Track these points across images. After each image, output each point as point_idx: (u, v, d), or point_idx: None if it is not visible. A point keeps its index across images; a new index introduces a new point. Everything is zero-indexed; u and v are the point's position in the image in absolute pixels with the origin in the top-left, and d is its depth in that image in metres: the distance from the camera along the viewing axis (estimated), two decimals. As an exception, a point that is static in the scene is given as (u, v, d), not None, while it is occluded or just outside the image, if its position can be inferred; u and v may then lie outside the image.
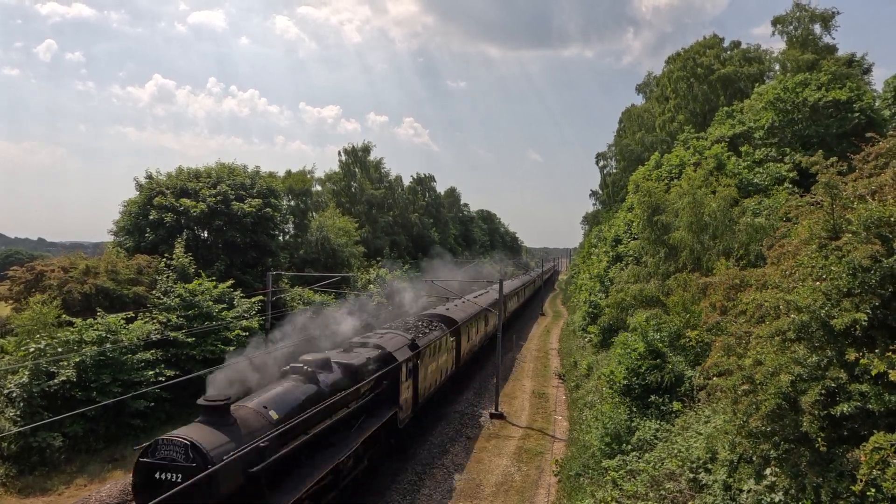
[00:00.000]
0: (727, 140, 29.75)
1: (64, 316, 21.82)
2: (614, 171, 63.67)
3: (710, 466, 10.73)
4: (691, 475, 10.97)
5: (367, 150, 68.32)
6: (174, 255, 28.70)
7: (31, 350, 19.60)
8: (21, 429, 16.77)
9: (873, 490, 6.48)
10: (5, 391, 18.99)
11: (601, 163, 69.27)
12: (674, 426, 14.13)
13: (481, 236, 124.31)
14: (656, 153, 34.61)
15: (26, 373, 19.00)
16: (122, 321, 22.00)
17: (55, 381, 19.01)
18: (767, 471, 8.66)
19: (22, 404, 18.64)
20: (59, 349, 19.75)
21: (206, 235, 34.80)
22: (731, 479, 9.58)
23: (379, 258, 55.82)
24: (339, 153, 67.65)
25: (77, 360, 19.45)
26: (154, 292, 26.10)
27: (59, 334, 20.39)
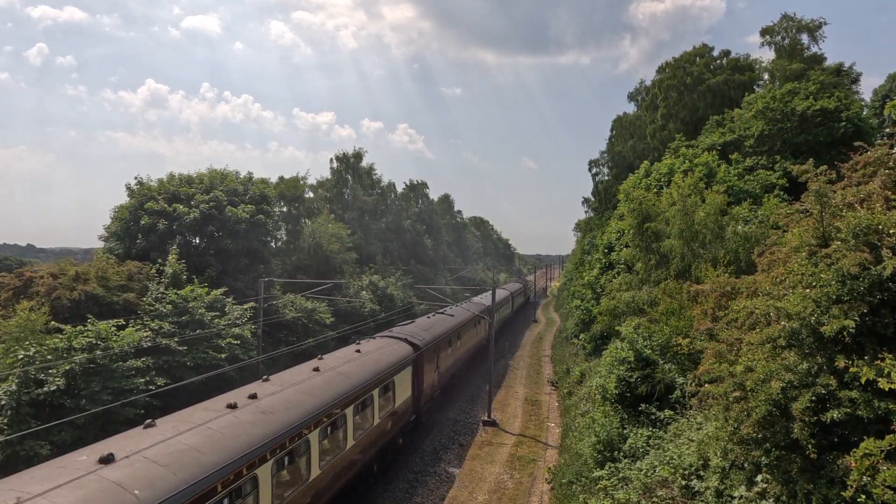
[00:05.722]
0: (718, 148, 30.00)
1: (53, 323, 21.60)
2: (606, 178, 63.93)
3: (702, 473, 10.75)
4: (683, 482, 10.99)
5: (359, 156, 68.28)
6: (168, 262, 28.52)
7: (20, 357, 19.39)
8: (8, 437, 16.56)
9: (864, 496, 6.51)
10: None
11: (594, 170, 69.50)
12: (666, 433, 14.15)
13: (474, 243, 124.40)
14: (646, 162, 34.83)
15: (15, 380, 18.78)
16: (113, 328, 21.83)
17: (44, 389, 18.80)
18: (759, 477, 8.69)
19: (10, 412, 18.42)
20: (49, 356, 19.55)
21: (197, 242, 34.65)
22: (723, 486, 9.61)
23: (371, 265, 55.72)
24: (331, 160, 67.59)
25: (66, 367, 19.26)
26: (145, 299, 25.92)
27: (47, 341, 20.19)
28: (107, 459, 8.60)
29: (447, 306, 35.62)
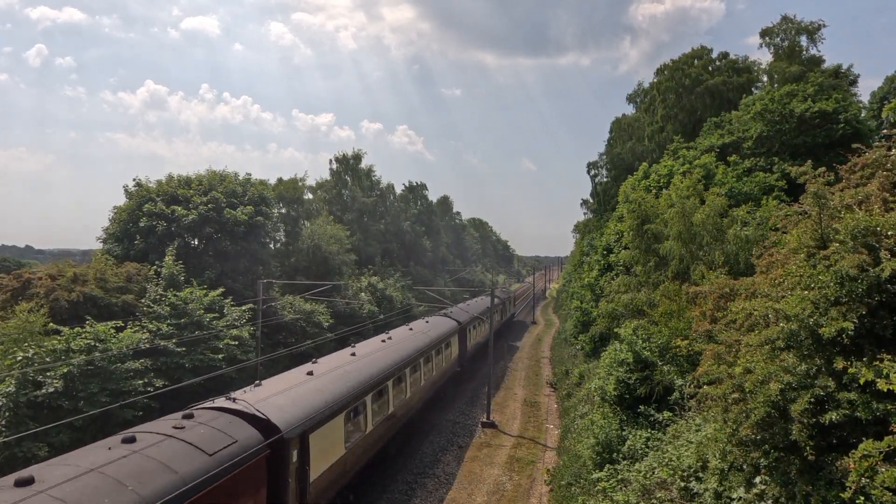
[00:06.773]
0: (717, 150, 30.04)
1: (51, 324, 21.57)
2: (605, 180, 63.96)
3: (700, 475, 10.75)
4: (682, 484, 10.98)
5: (358, 157, 68.27)
6: (164, 263, 28.48)
7: (19, 359, 19.35)
8: (6, 439, 16.51)
9: (862, 498, 6.51)
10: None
11: (592, 172, 69.49)
12: (665, 435, 14.15)
13: (473, 244, 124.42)
14: (644, 164, 34.87)
15: (13, 382, 18.75)
16: (112, 330, 21.79)
17: (42, 390, 18.76)
18: (758, 479, 8.69)
19: (8, 414, 18.38)
20: (47, 358, 19.51)
21: (196, 243, 34.63)
22: (722, 488, 9.60)
23: (370, 266, 55.67)
24: (331, 161, 67.60)
25: (65, 369, 19.22)
26: (144, 300, 25.88)
27: (46, 343, 20.15)
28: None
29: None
